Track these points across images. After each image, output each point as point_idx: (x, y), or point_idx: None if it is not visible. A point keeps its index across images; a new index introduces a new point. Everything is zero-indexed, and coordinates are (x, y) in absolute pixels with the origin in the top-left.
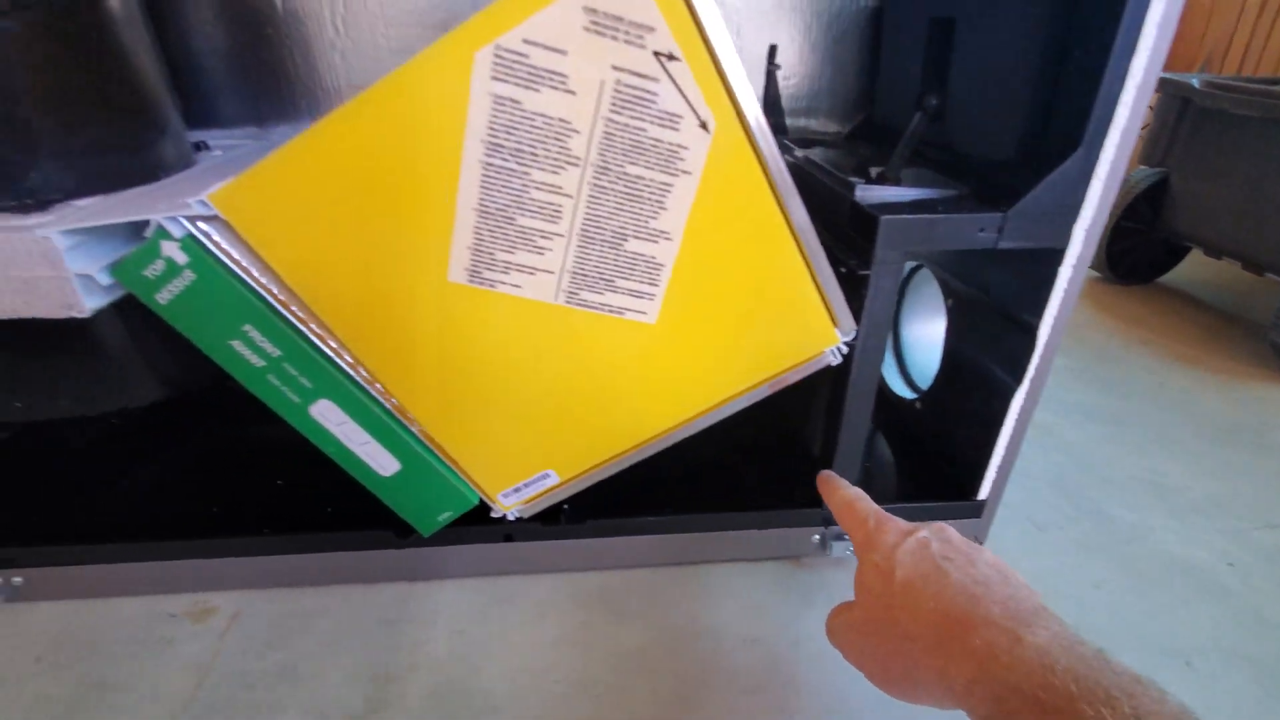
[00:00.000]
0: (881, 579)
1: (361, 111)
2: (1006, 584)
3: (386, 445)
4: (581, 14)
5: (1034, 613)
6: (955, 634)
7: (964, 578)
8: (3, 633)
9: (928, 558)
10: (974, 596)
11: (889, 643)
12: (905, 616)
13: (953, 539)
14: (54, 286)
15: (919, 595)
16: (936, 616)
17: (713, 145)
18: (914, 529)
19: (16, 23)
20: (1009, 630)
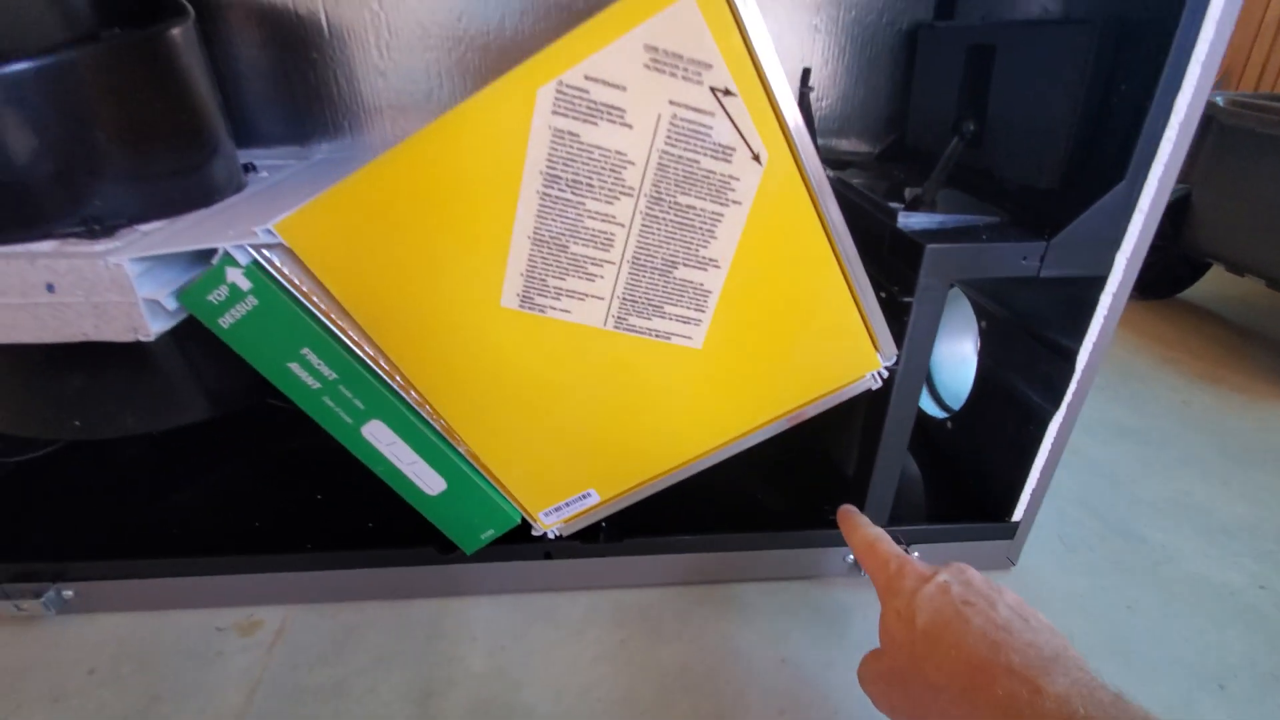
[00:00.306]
0: (904, 627)
1: (425, 145)
2: (1027, 628)
3: (434, 465)
4: (642, 51)
5: (1054, 659)
6: (978, 684)
7: (985, 624)
8: (55, 645)
9: (948, 603)
10: (995, 644)
11: (915, 694)
12: (930, 667)
13: (973, 581)
14: (123, 311)
15: (941, 644)
16: (959, 666)
17: (764, 177)
18: (934, 573)
19: (86, 54)
20: (1029, 680)
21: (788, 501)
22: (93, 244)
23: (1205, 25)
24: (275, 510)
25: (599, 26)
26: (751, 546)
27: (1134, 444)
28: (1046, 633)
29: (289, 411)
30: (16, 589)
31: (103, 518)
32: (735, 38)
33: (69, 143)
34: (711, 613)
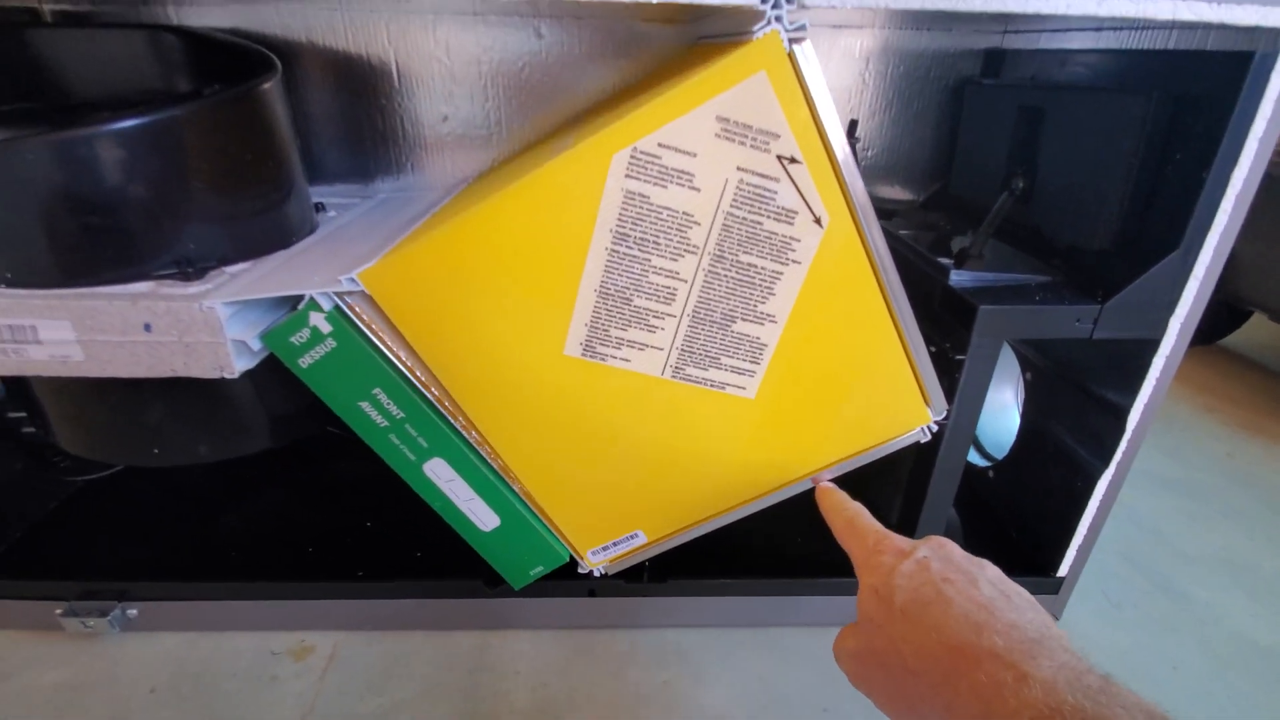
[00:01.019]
0: (882, 606)
1: (505, 206)
2: (1010, 606)
3: (489, 502)
4: (714, 122)
5: (1038, 641)
6: (959, 669)
7: (966, 603)
8: (117, 662)
9: (928, 581)
10: (977, 625)
11: (893, 676)
12: (908, 649)
13: (954, 557)
14: (211, 351)
15: (920, 625)
16: (939, 650)
17: (825, 239)
18: (912, 548)
19: (192, 110)
20: (1013, 665)
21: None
22: (186, 286)
23: (1264, 102)
24: (327, 537)
25: (675, 98)
26: (793, 592)
27: (1177, 496)
28: (1030, 610)
29: (345, 440)
30: (84, 606)
31: (163, 538)
32: (803, 110)
33: (169, 191)
34: (753, 657)
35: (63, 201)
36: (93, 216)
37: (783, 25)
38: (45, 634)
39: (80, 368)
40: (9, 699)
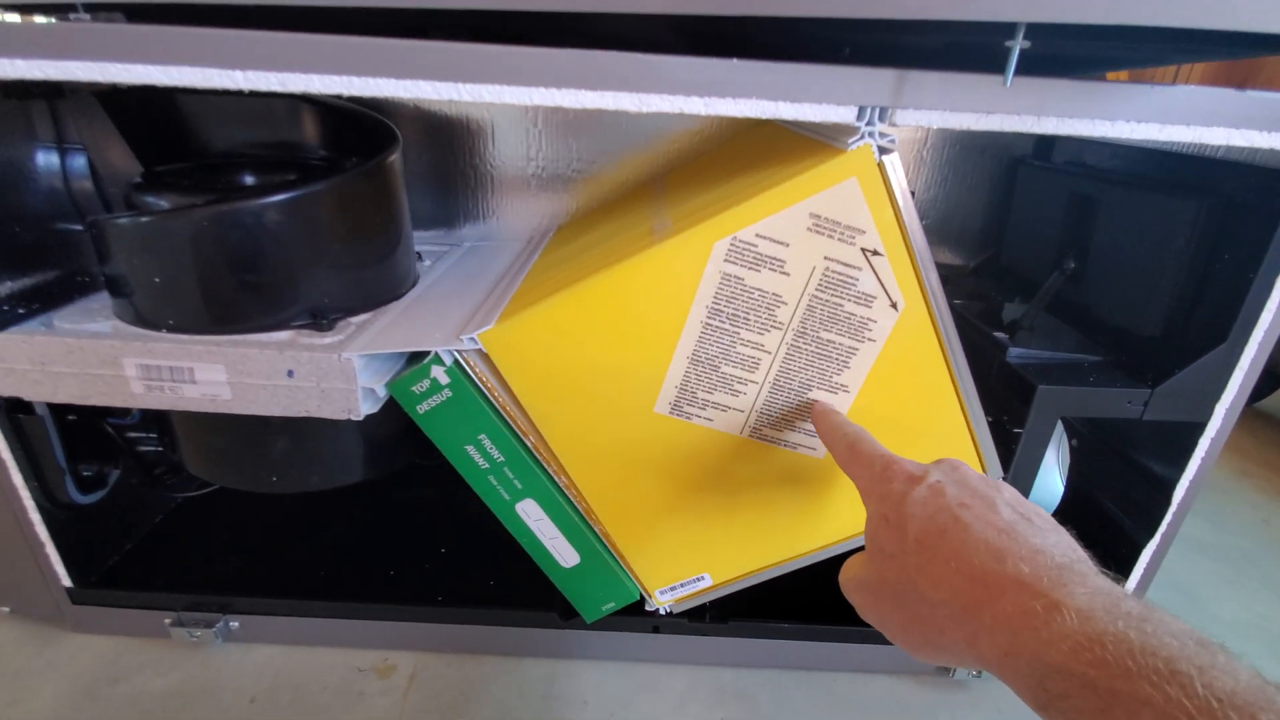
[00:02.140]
0: (894, 536)
1: (615, 280)
2: (1033, 529)
3: (572, 541)
4: (807, 218)
5: (1066, 567)
6: (982, 599)
7: (986, 529)
8: (219, 672)
9: (943, 507)
10: (999, 552)
11: (908, 607)
12: (925, 580)
13: (969, 479)
14: (343, 396)
15: (938, 555)
16: (959, 580)
17: (899, 321)
18: (924, 473)
19: (336, 181)
20: (1043, 593)
21: None
22: (322, 336)
23: None
24: (408, 561)
25: (774, 197)
26: (847, 639)
27: (1213, 561)
28: (1053, 533)
29: (427, 470)
30: (191, 617)
31: (257, 554)
32: (888, 211)
33: (311, 251)
34: (806, 700)
35: (224, 262)
36: (247, 274)
37: (875, 139)
38: (152, 641)
39: (227, 405)
40: (120, 703)
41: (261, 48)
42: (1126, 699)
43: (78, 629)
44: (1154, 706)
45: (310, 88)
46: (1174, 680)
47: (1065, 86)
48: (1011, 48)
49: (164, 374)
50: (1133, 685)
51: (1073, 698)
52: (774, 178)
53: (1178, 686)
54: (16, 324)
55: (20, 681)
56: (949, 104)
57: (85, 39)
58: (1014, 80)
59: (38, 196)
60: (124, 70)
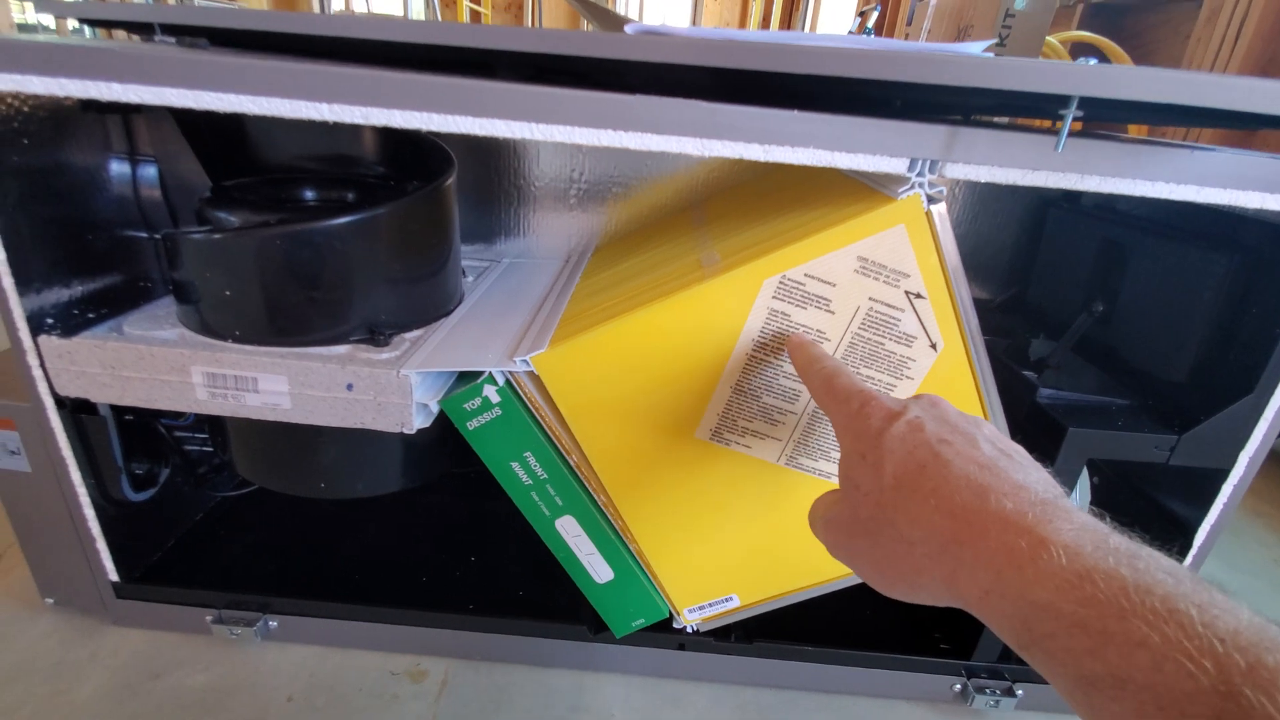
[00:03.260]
0: (871, 473)
1: (666, 311)
2: (1014, 465)
3: (607, 558)
4: (855, 260)
5: (1050, 503)
6: (963, 537)
7: (967, 465)
8: (257, 670)
9: (922, 443)
10: (980, 488)
11: (884, 545)
12: (902, 518)
13: (948, 415)
14: (398, 410)
15: (917, 492)
16: (939, 517)
17: (937, 360)
18: (902, 408)
19: (400, 204)
20: (1028, 529)
21: (903, 627)
22: (379, 351)
23: None
24: (439, 568)
25: (823, 240)
26: (868, 664)
27: None
28: (1034, 470)
29: (460, 479)
30: (231, 615)
31: (294, 555)
32: (933, 257)
33: (373, 269)
34: None
35: (292, 278)
36: (313, 291)
37: (924, 190)
38: (190, 637)
39: (286, 415)
40: (161, 697)
41: (350, 83)
42: (1120, 639)
43: (119, 623)
44: (1150, 647)
45: (392, 122)
46: (1172, 619)
47: (1110, 148)
48: (1065, 116)
49: (229, 382)
50: (1127, 624)
51: (1060, 637)
52: (823, 220)
53: (1176, 626)
54: (87, 329)
55: (64, 672)
56: (997, 160)
57: (183, 69)
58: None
59: (109, 205)
60: (217, 99)
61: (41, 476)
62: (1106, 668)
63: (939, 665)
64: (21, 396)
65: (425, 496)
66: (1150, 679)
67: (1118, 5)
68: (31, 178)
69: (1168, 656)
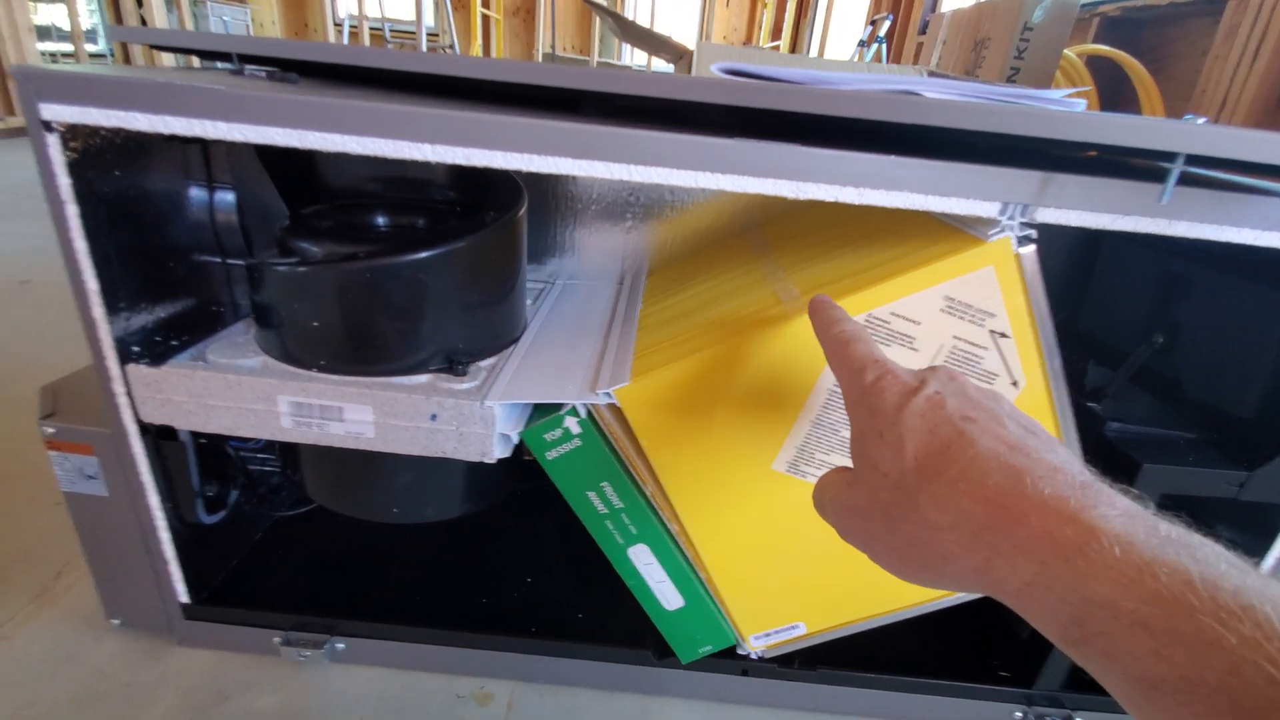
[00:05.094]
0: (891, 454)
1: (751, 345)
2: (1043, 445)
3: (678, 586)
4: (942, 300)
5: (1089, 486)
6: (999, 524)
7: (995, 444)
8: (325, 692)
9: (945, 420)
10: (1014, 471)
11: (905, 531)
12: (928, 502)
13: (969, 390)
14: (480, 439)
15: (943, 474)
16: (969, 502)
17: (1017, 398)
18: (920, 382)
19: (481, 236)
20: (1072, 516)
21: (963, 656)
22: (459, 381)
23: None
24: (498, 590)
25: (912, 279)
26: (929, 691)
27: None
28: (1061, 449)
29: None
30: (299, 637)
31: (354, 575)
32: (1020, 298)
33: (454, 299)
34: None
35: (380, 309)
36: (398, 321)
37: (1015, 232)
38: (256, 658)
39: (368, 443)
40: (233, 719)
41: (454, 126)
42: (1190, 640)
43: (185, 643)
44: (1224, 649)
45: (493, 163)
46: (1246, 617)
47: (1202, 196)
48: (1171, 170)
49: (314, 411)
50: (1197, 624)
51: (1118, 636)
52: (909, 259)
53: (1252, 624)
54: (171, 356)
55: (135, 694)
56: (1090, 205)
57: (289, 110)
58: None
59: (188, 232)
60: (322, 139)
61: (118, 500)
62: (1174, 670)
63: (999, 693)
64: (102, 422)
65: (474, 516)
66: (1226, 683)
67: (1134, 19)
68: (122, 207)
69: (1245, 659)
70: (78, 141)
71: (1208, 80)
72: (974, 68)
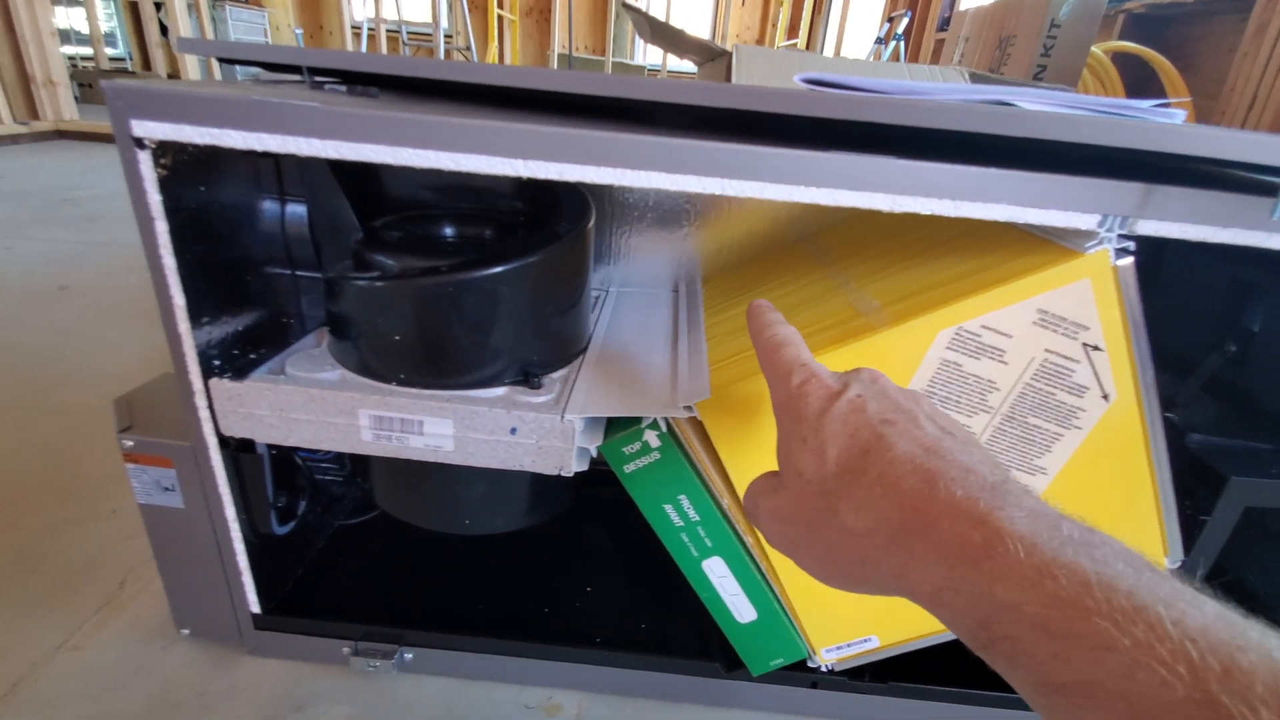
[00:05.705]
0: (813, 459)
1: (838, 360)
2: (959, 446)
3: (752, 599)
4: (1035, 313)
5: (999, 487)
6: (912, 528)
7: (912, 447)
8: (396, 702)
9: (865, 424)
10: (928, 474)
11: (828, 536)
12: (847, 507)
13: (889, 391)
14: (558, 453)
15: (861, 478)
16: (885, 506)
17: (1108, 410)
18: (843, 386)
19: (556, 248)
20: (980, 520)
21: None
22: (536, 394)
23: None
24: (559, 599)
25: (1006, 293)
26: (999, 704)
27: None
28: (976, 449)
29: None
30: (368, 647)
31: (419, 584)
32: (1115, 310)
33: (531, 312)
34: None
35: (462, 323)
36: (478, 335)
37: (1113, 245)
38: (325, 668)
39: (446, 456)
40: None
41: (547, 141)
42: (1088, 643)
43: (255, 653)
44: (1119, 651)
45: (585, 177)
46: (1140, 618)
47: None
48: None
49: (394, 425)
50: (1093, 626)
51: (1023, 640)
52: (1000, 271)
53: (1145, 626)
54: (251, 370)
55: (209, 704)
56: (1190, 217)
57: (383, 126)
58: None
59: (262, 244)
60: (415, 155)
61: (194, 512)
62: (1074, 674)
63: None
64: (180, 435)
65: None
66: (1122, 686)
67: (1160, 16)
68: (204, 221)
69: (1139, 662)
70: (167, 158)
71: (1236, 77)
72: (998, 65)
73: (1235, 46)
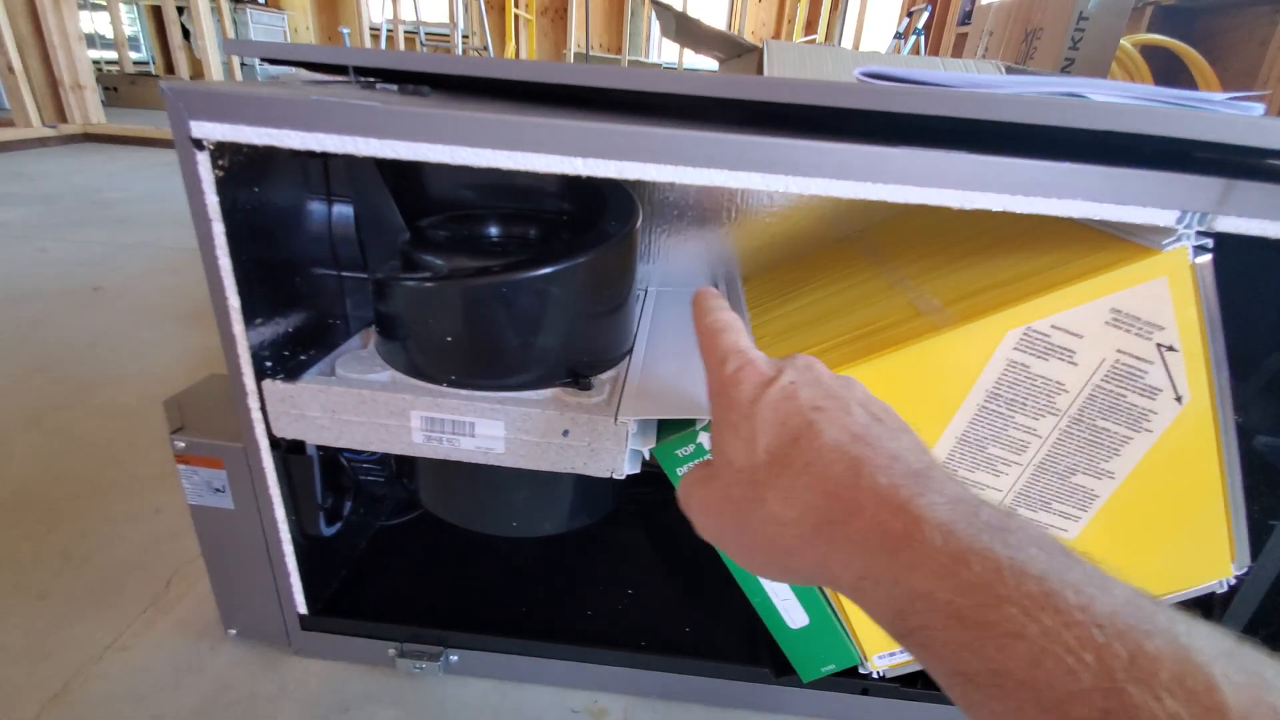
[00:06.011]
0: (744, 448)
1: (903, 360)
2: (887, 433)
3: (804, 604)
4: (1108, 312)
5: (923, 474)
6: (834, 517)
7: (840, 435)
8: (442, 704)
9: (796, 411)
10: (854, 461)
11: (753, 527)
12: (775, 496)
13: (823, 378)
14: (611, 456)
15: (790, 467)
16: (811, 495)
17: (1180, 413)
18: (776, 373)
19: (606, 248)
20: (900, 507)
21: None
22: (587, 395)
23: None
24: (601, 603)
25: (1077, 291)
26: None
27: None
28: (906, 436)
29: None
30: (414, 649)
31: (461, 586)
32: (1191, 309)
33: (581, 313)
34: None
35: (513, 324)
36: (529, 336)
37: (1191, 243)
38: (371, 669)
39: (497, 458)
40: None
41: (608, 139)
42: (997, 631)
43: (301, 654)
44: (1026, 638)
45: (645, 175)
46: (1048, 604)
47: None
48: None
49: (446, 427)
50: (1003, 614)
51: (936, 629)
52: (1070, 269)
53: (1053, 612)
54: (302, 371)
55: (259, 704)
56: (1271, 214)
57: (444, 125)
58: None
59: (311, 245)
60: (473, 154)
61: (244, 513)
62: (984, 662)
63: None
64: (232, 436)
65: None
66: (1029, 675)
67: (1188, 8)
68: (258, 222)
69: (1046, 650)
70: (224, 159)
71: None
72: (1024, 59)
73: (1267, 39)
